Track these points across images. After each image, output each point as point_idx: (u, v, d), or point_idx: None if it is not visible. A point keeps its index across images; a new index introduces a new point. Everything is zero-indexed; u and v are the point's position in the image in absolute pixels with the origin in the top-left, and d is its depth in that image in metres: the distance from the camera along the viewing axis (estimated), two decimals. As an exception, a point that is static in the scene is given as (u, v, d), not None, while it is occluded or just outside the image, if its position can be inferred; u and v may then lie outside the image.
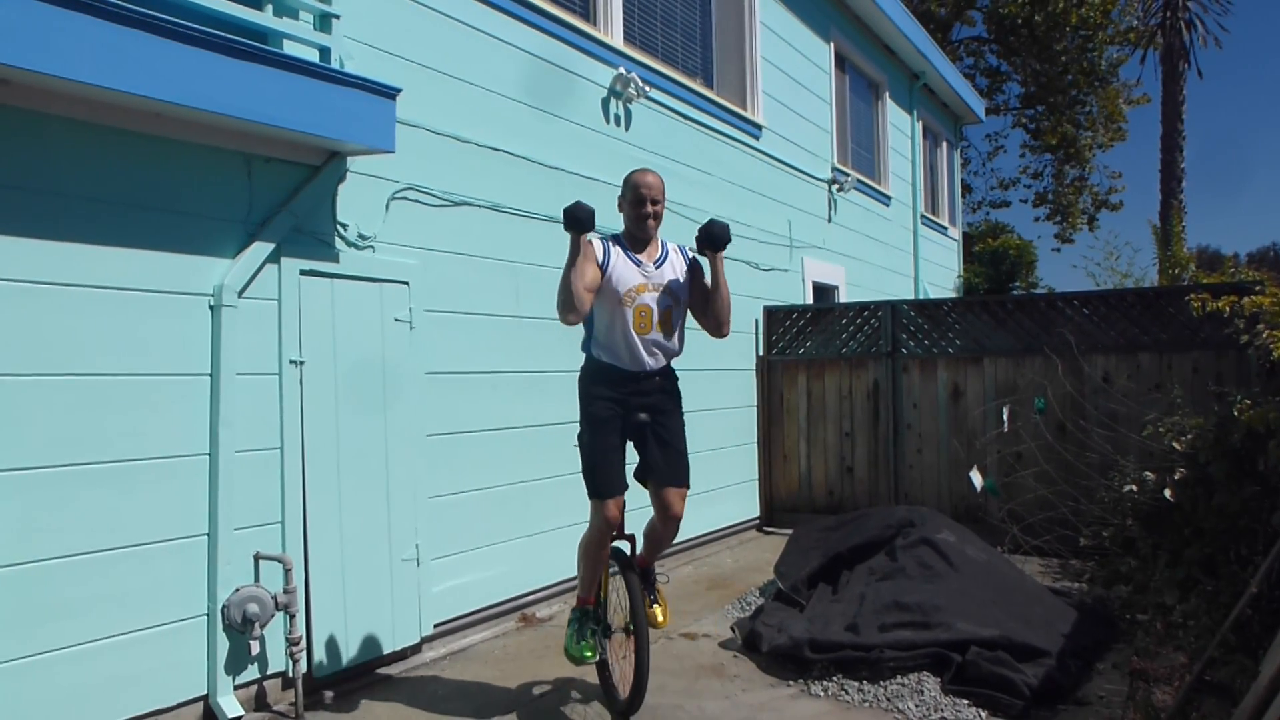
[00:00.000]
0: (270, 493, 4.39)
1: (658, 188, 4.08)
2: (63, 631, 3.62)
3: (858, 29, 11.75)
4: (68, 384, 3.65)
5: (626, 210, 4.10)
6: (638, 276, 4.00)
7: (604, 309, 4.01)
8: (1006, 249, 17.88)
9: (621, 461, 4.12)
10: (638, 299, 3.99)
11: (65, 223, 3.65)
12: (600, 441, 4.04)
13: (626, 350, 4.02)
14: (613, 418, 4.05)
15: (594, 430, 4.07)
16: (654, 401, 4.11)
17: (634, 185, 4.07)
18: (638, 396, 4.07)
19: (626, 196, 4.09)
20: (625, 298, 3.97)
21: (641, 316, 4.00)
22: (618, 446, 4.09)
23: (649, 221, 4.06)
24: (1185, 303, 6.17)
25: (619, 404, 4.05)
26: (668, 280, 4.07)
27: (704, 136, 8.09)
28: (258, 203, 4.36)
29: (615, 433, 4.06)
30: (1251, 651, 3.73)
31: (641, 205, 4.05)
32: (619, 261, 4.00)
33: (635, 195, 4.05)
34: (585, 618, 4.24)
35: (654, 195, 4.05)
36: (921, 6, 24.02)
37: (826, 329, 8.61)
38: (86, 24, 3.35)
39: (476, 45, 5.66)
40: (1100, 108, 25.21)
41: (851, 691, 4.49)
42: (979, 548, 5.70)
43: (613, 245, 4.04)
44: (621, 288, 3.96)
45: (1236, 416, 4.34)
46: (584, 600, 4.28)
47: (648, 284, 4.02)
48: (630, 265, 4.01)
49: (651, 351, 4.06)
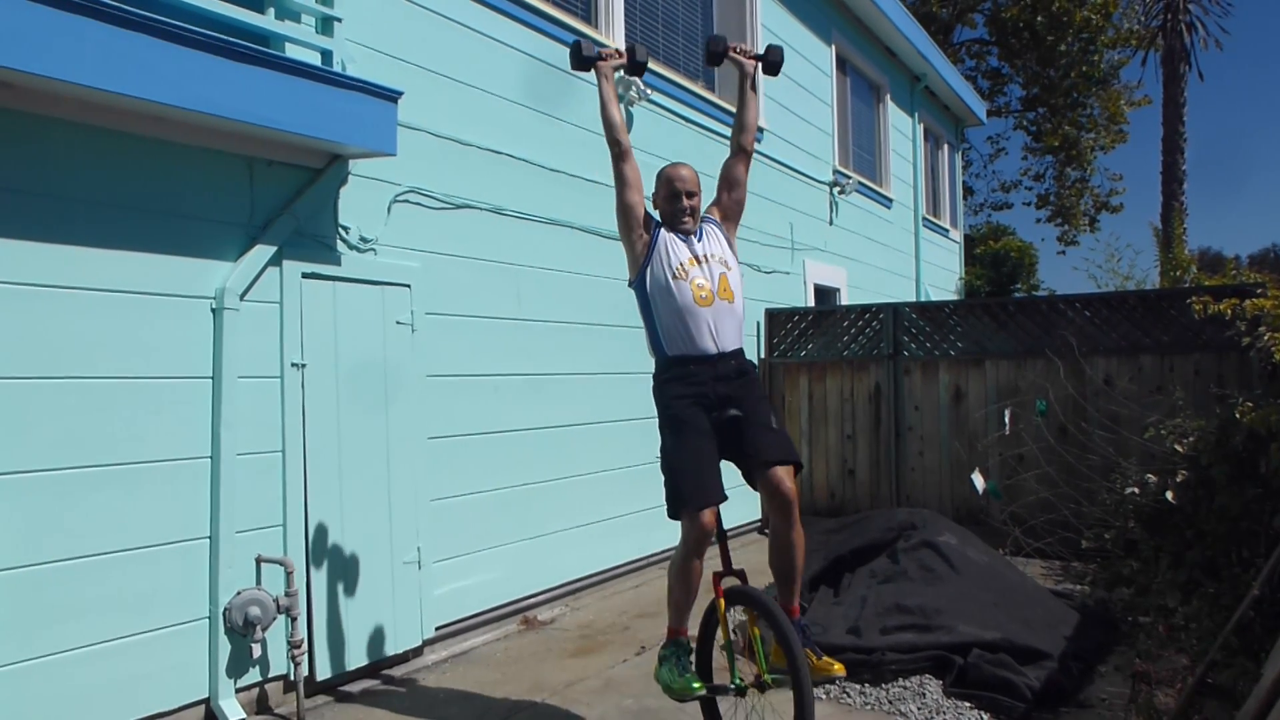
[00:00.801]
0: (272, 495, 4.40)
1: (692, 180, 3.95)
2: (65, 634, 3.62)
3: (859, 31, 11.76)
4: (70, 387, 3.65)
5: (662, 206, 3.98)
6: (685, 251, 3.85)
7: (660, 290, 3.80)
8: (1008, 251, 17.90)
9: (713, 464, 3.68)
10: (690, 271, 3.81)
11: (68, 226, 3.65)
12: (685, 443, 3.66)
13: (695, 328, 3.75)
14: (696, 415, 3.69)
15: (676, 432, 3.71)
16: (736, 390, 3.75)
17: (667, 179, 3.97)
18: (719, 384, 3.73)
19: (660, 192, 3.99)
20: (678, 272, 3.80)
21: (700, 288, 3.78)
22: (706, 447, 3.67)
23: (686, 217, 3.92)
24: (1187, 305, 6.17)
25: (701, 400, 3.71)
26: (715, 249, 3.93)
27: (705, 139, 8.09)
28: (259, 206, 4.37)
29: (701, 433, 3.67)
30: (1254, 654, 3.73)
31: (677, 200, 3.92)
32: (666, 239, 3.87)
33: (670, 189, 3.94)
34: (680, 651, 3.75)
35: (688, 188, 3.93)
36: (923, 9, 24.02)
37: (828, 331, 8.61)
38: (89, 27, 3.36)
39: (478, 48, 5.66)
40: (1101, 110, 25.22)
41: (853, 694, 4.49)
42: (980, 550, 5.69)
43: (657, 228, 3.94)
44: (674, 262, 3.81)
45: (1238, 419, 4.34)
46: (675, 631, 3.79)
47: (696, 255, 3.86)
48: (677, 241, 3.87)
49: (721, 323, 3.79)
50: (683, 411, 3.71)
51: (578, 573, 6.44)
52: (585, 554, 6.49)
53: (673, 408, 3.75)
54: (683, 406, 3.72)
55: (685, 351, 3.77)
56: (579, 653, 5.31)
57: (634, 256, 3.94)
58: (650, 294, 3.85)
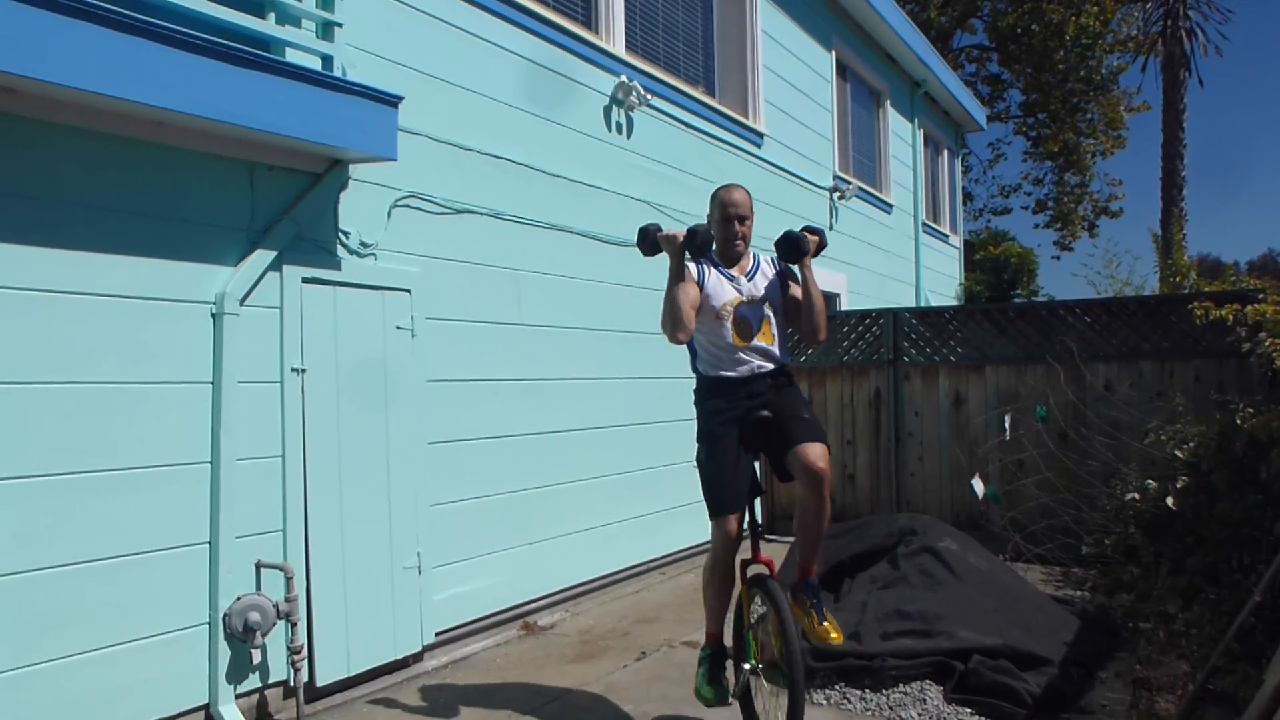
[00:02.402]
0: (272, 501, 4.39)
1: (745, 204, 4.00)
2: (64, 640, 3.61)
3: (859, 37, 11.77)
4: (70, 392, 3.65)
5: (715, 227, 4.02)
6: (731, 291, 3.94)
7: (703, 326, 3.94)
8: (1008, 257, 17.91)
9: (742, 475, 3.89)
10: (734, 312, 3.93)
11: (68, 231, 3.65)
12: (717, 456, 3.87)
13: (732, 363, 3.93)
14: (729, 428, 3.88)
15: (710, 446, 3.91)
16: (770, 397, 3.93)
17: (721, 203, 4.00)
18: (754, 399, 3.91)
19: (714, 215, 4.03)
20: (722, 311, 3.91)
21: (739, 329, 3.93)
22: (737, 459, 3.87)
23: (738, 240, 4.00)
24: (1187, 311, 6.17)
25: (735, 412, 3.89)
26: (762, 291, 4.00)
27: (706, 144, 8.10)
28: (260, 210, 4.37)
29: (733, 445, 3.87)
30: (1255, 660, 3.72)
31: (730, 224, 3.98)
32: (712, 278, 3.95)
33: (723, 213, 3.99)
34: (717, 655, 3.99)
35: (741, 212, 3.98)
36: (922, 15, 24.06)
37: (828, 337, 8.61)
38: (90, 32, 3.36)
39: (479, 53, 5.67)
40: (1101, 115, 25.26)
41: (854, 700, 4.48)
42: (981, 556, 5.69)
43: (705, 264, 3.98)
44: (717, 302, 3.91)
45: (1239, 425, 4.34)
46: (711, 635, 4.02)
47: (742, 297, 3.95)
48: (723, 280, 3.96)
49: (760, 357, 3.96)
50: (716, 427, 3.91)
51: (578, 578, 6.43)
52: (585, 559, 6.49)
53: (709, 423, 3.95)
54: (716, 422, 3.92)
55: (721, 375, 3.96)
56: (579, 658, 5.30)
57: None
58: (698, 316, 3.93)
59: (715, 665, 3.97)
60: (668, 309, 3.83)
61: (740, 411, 3.88)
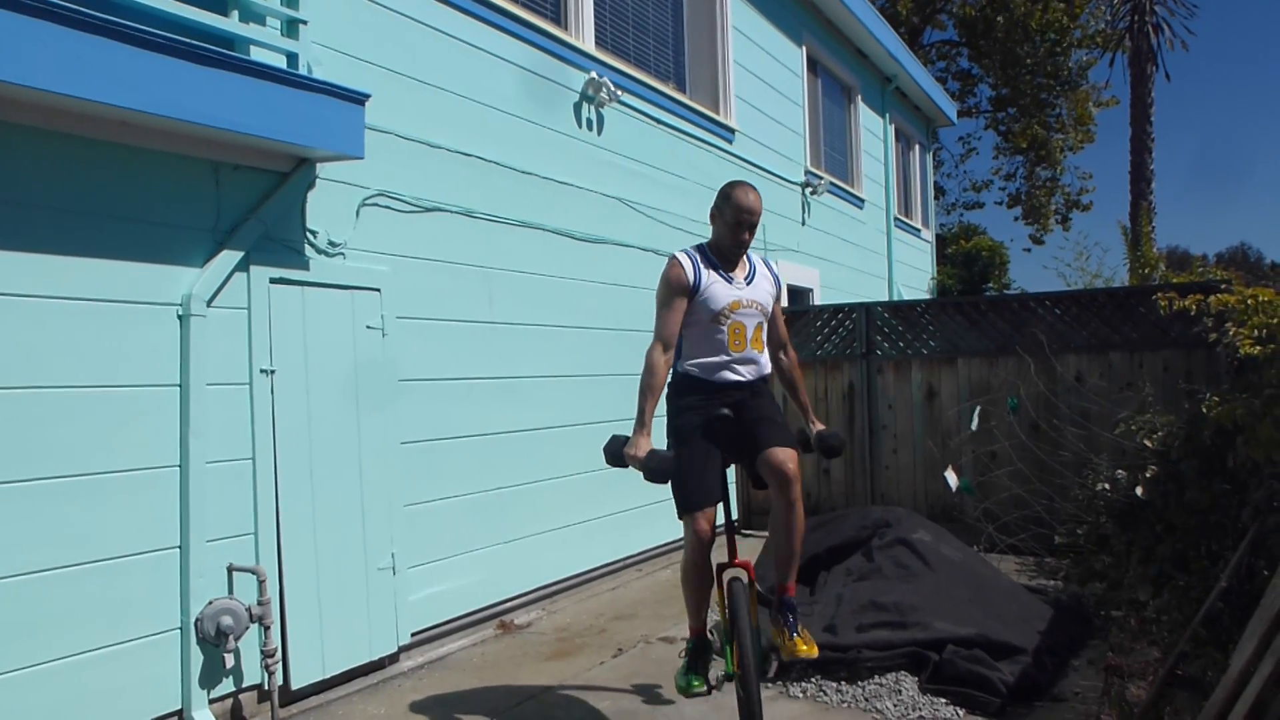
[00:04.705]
0: (243, 504, 4.35)
1: (759, 211, 3.87)
2: (32, 648, 3.56)
3: (829, 32, 11.81)
4: (34, 397, 3.60)
5: (722, 228, 3.89)
6: (731, 294, 3.86)
7: (697, 327, 3.86)
8: (979, 250, 18.03)
9: (712, 471, 3.84)
10: (732, 317, 3.85)
11: (30, 233, 3.60)
12: (684, 453, 3.78)
13: (719, 367, 3.89)
14: (699, 425, 3.85)
15: (680, 442, 3.85)
16: (743, 397, 3.92)
17: (736, 207, 3.83)
18: (727, 400, 3.90)
19: (725, 214, 3.87)
20: (720, 315, 3.84)
21: (736, 334, 3.87)
22: (706, 456, 3.83)
23: (742, 246, 3.92)
24: (1155, 302, 6.23)
25: (708, 411, 3.87)
26: (759, 296, 3.95)
27: (677, 140, 8.10)
28: (226, 210, 4.33)
29: (701, 443, 3.83)
30: (1222, 645, 3.77)
31: (740, 230, 3.85)
32: (712, 281, 3.84)
33: (737, 218, 3.83)
34: (699, 648, 4.00)
35: (754, 220, 3.85)
36: (891, 10, 24.17)
37: (801, 331, 8.63)
38: (49, 31, 3.31)
39: (446, 50, 5.64)
40: (1069, 110, 25.47)
41: (830, 692, 4.50)
42: (955, 547, 5.73)
43: (703, 263, 3.87)
44: (716, 305, 3.82)
45: (1206, 414, 4.39)
46: (693, 630, 4.02)
47: (741, 300, 3.88)
48: (723, 283, 3.86)
49: (746, 366, 3.94)
50: (686, 423, 3.88)
51: (554, 576, 6.42)
52: (562, 557, 6.48)
53: (680, 419, 3.91)
54: (687, 418, 3.88)
55: (700, 376, 3.91)
56: (556, 656, 5.29)
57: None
58: (689, 322, 3.87)
59: (695, 658, 3.98)
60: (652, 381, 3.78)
61: (713, 412, 3.87)
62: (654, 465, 3.60)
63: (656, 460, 3.61)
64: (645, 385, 3.76)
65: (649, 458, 3.62)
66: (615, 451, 3.78)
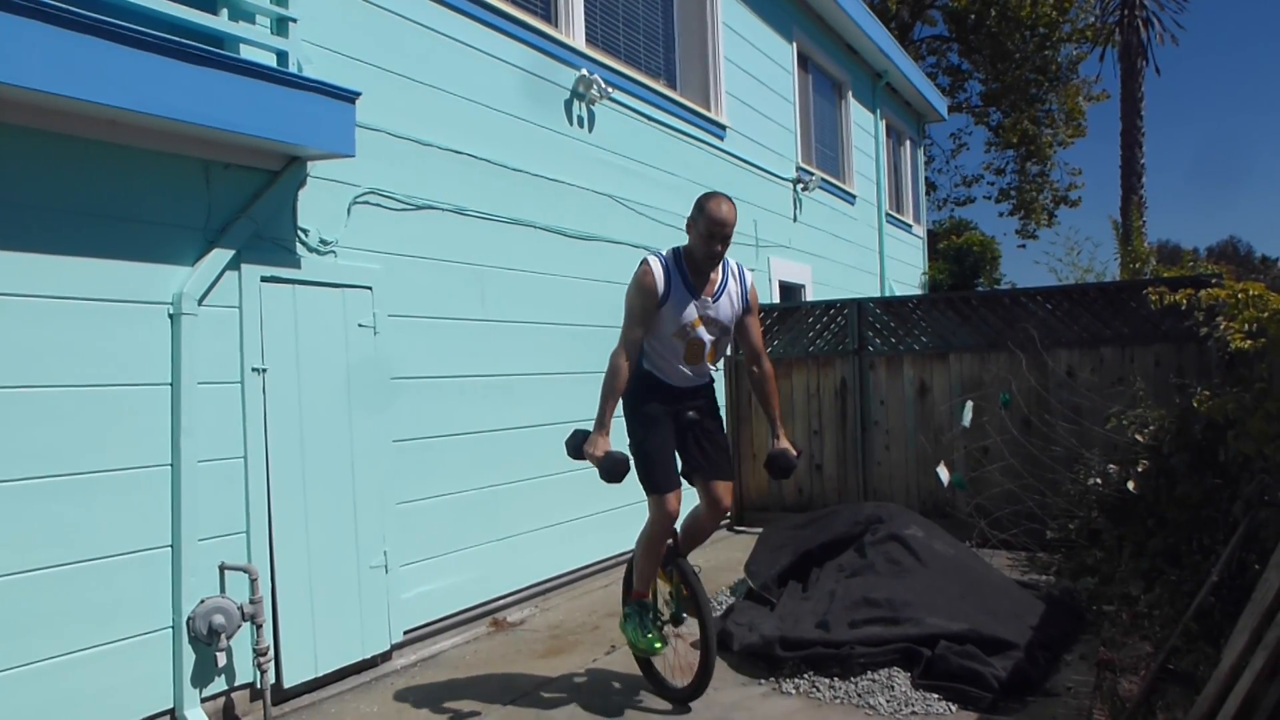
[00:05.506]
0: (234, 502, 4.34)
1: (732, 223, 4.05)
2: (24, 648, 3.54)
3: (820, 28, 11.81)
4: (25, 396, 3.59)
5: (696, 239, 4.06)
6: (694, 312, 4.11)
7: (658, 336, 4.13)
8: (970, 246, 18.04)
9: (675, 456, 4.26)
10: (692, 334, 4.12)
11: (20, 233, 3.58)
12: (656, 437, 4.17)
13: (674, 374, 4.22)
14: (664, 415, 4.21)
15: (649, 427, 4.19)
16: (698, 404, 4.32)
17: (710, 219, 4.00)
18: (681, 401, 4.28)
19: (699, 226, 4.04)
20: (681, 331, 4.10)
21: (693, 349, 4.16)
22: (671, 442, 4.23)
23: (715, 258, 4.10)
24: (1146, 297, 6.25)
25: (671, 408, 4.24)
26: (723, 315, 4.20)
27: (668, 137, 8.09)
28: (216, 209, 4.31)
29: (668, 429, 4.21)
30: (1214, 640, 3.78)
31: (713, 243, 4.03)
32: (678, 296, 4.08)
33: (710, 230, 4.01)
34: (644, 610, 4.34)
35: (727, 232, 4.04)
36: (881, 5, 24.19)
37: (793, 328, 8.64)
38: (38, 30, 3.29)
39: (436, 48, 5.63)
40: (1060, 105, 25.51)
41: (823, 688, 4.51)
42: (947, 543, 5.73)
43: (675, 273, 4.09)
44: (678, 322, 4.08)
45: (1197, 408, 4.40)
46: (640, 594, 4.37)
47: (702, 318, 4.13)
48: (689, 299, 4.10)
49: (697, 374, 4.29)
50: (653, 410, 4.21)
51: (547, 573, 6.42)
52: (554, 554, 6.48)
53: (645, 406, 4.21)
54: (653, 406, 4.22)
55: (660, 379, 4.24)
56: (549, 653, 5.29)
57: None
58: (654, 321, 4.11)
59: (644, 618, 4.31)
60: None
61: (675, 409, 4.24)
62: (609, 465, 3.95)
63: (611, 461, 3.96)
64: (608, 388, 4.05)
65: (606, 458, 3.96)
66: (576, 445, 4.09)
